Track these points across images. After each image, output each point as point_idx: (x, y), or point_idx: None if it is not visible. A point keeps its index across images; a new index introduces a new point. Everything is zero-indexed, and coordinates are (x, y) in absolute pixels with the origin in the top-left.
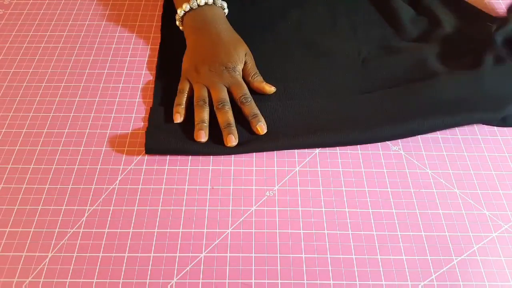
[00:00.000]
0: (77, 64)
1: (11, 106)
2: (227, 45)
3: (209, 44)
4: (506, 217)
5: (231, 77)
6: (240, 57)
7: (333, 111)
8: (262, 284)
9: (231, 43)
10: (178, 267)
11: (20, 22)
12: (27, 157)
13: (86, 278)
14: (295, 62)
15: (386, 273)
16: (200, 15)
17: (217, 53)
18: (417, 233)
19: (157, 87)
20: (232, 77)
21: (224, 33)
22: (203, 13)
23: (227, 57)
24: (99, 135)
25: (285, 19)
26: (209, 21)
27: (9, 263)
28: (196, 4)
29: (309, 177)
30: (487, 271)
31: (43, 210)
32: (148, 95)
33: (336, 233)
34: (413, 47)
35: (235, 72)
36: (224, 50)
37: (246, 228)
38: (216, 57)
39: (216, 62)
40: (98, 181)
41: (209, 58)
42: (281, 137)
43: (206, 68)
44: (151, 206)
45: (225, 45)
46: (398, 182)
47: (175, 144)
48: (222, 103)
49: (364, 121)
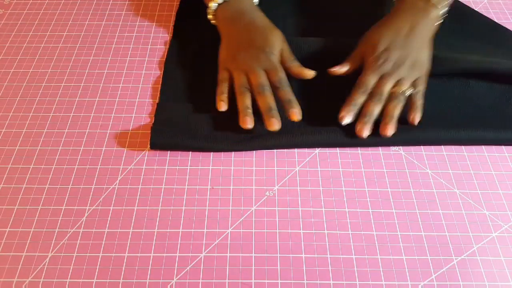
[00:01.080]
0: (77, 64)
1: (11, 106)
2: (263, 31)
3: (244, 31)
4: (506, 217)
5: (268, 61)
6: (277, 41)
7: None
8: (262, 284)
9: (267, 29)
10: (178, 267)
11: (20, 22)
12: (27, 157)
13: (86, 278)
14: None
15: (386, 273)
16: (233, 7)
17: (253, 38)
18: (417, 233)
19: (164, 83)
20: (269, 61)
21: (259, 20)
22: (236, 4)
23: (264, 41)
24: (99, 135)
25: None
26: (242, 11)
27: (9, 263)
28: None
29: (309, 177)
30: (487, 271)
31: (43, 210)
32: (148, 94)
33: (336, 233)
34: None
35: (273, 55)
36: (260, 35)
37: (246, 228)
38: (253, 42)
39: (253, 47)
40: (98, 181)
41: (246, 44)
42: (296, 134)
43: (243, 54)
44: (151, 206)
45: (261, 31)
46: (398, 182)
47: (180, 140)
48: (263, 87)
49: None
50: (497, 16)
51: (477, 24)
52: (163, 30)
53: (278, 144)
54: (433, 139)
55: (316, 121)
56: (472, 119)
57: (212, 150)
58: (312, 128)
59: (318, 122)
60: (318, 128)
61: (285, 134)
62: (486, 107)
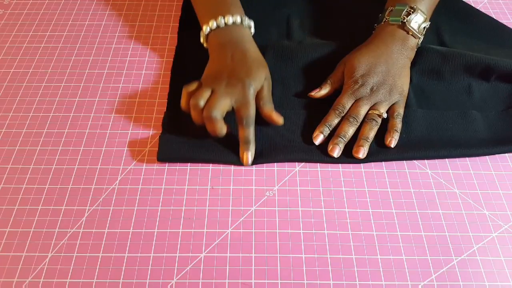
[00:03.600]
0: (77, 64)
1: (11, 106)
2: (250, 64)
3: (231, 59)
4: (506, 217)
5: (243, 94)
6: (259, 78)
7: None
8: (262, 284)
9: (254, 63)
10: (178, 267)
11: (20, 22)
12: (27, 157)
13: (86, 278)
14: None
15: (386, 273)
16: (227, 34)
17: (238, 68)
18: (417, 233)
19: (171, 94)
20: (244, 94)
21: (249, 53)
22: (230, 32)
23: (247, 73)
24: (99, 135)
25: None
26: (235, 40)
27: (9, 263)
28: (223, 22)
29: (309, 177)
30: (487, 271)
31: (43, 210)
32: (148, 94)
33: (336, 233)
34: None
35: (250, 88)
36: (246, 67)
37: (246, 228)
38: (236, 71)
39: (234, 76)
40: (98, 181)
41: (229, 72)
42: (295, 151)
43: (223, 78)
44: (151, 206)
45: (247, 63)
46: (398, 182)
47: (187, 153)
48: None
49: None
50: (497, 16)
51: (481, 24)
52: (163, 30)
53: (289, 159)
54: (422, 156)
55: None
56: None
57: (222, 163)
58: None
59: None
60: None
61: (294, 150)
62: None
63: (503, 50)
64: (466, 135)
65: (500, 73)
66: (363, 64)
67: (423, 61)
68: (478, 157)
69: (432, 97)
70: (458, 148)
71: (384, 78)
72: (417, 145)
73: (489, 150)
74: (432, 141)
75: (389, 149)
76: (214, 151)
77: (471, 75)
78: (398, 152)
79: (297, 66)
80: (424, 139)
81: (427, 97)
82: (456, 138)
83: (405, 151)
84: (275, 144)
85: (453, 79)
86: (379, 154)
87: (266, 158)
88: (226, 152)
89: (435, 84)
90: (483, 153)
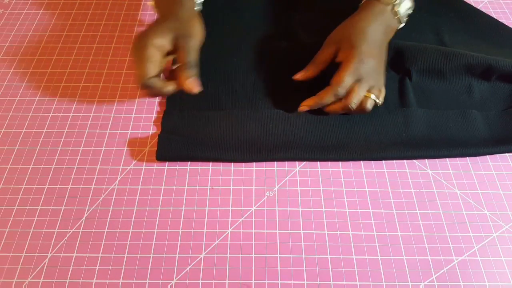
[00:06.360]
0: (77, 64)
1: (11, 106)
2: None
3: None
4: (507, 217)
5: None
6: (199, 34)
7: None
8: (262, 285)
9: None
10: (178, 267)
11: (20, 22)
12: (26, 157)
13: (85, 278)
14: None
15: (386, 274)
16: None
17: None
18: (417, 234)
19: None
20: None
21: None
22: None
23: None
24: (98, 135)
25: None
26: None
27: (9, 263)
28: None
29: (309, 177)
30: (487, 271)
31: (43, 210)
32: None
33: (336, 233)
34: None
35: (192, 41)
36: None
37: (246, 228)
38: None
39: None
40: (97, 181)
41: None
42: (293, 149)
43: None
44: (151, 206)
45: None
46: (399, 182)
47: (186, 151)
48: None
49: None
50: (497, 16)
51: (482, 24)
52: None
53: (289, 157)
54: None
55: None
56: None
57: (221, 161)
58: (316, 143)
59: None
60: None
61: (293, 148)
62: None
63: (504, 50)
64: (467, 135)
65: (501, 73)
66: (364, 43)
67: (424, 61)
68: (479, 157)
69: (432, 96)
70: (458, 148)
71: (378, 63)
72: (417, 144)
73: (489, 150)
74: (432, 141)
75: (389, 148)
76: (214, 149)
77: (472, 75)
78: (398, 152)
79: (292, 66)
80: (424, 138)
81: (427, 97)
82: (456, 138)
83: (405, 150)
84: (275, 142)
85: (453, 78)
86: (379, 152)
87: (265, 155)
88: (225, 150)
89: (436, 84)
90: (483, 152)
